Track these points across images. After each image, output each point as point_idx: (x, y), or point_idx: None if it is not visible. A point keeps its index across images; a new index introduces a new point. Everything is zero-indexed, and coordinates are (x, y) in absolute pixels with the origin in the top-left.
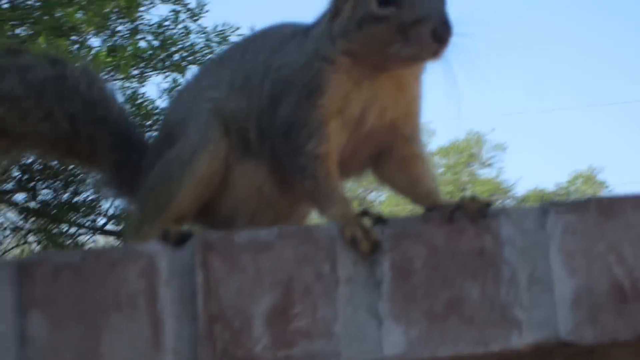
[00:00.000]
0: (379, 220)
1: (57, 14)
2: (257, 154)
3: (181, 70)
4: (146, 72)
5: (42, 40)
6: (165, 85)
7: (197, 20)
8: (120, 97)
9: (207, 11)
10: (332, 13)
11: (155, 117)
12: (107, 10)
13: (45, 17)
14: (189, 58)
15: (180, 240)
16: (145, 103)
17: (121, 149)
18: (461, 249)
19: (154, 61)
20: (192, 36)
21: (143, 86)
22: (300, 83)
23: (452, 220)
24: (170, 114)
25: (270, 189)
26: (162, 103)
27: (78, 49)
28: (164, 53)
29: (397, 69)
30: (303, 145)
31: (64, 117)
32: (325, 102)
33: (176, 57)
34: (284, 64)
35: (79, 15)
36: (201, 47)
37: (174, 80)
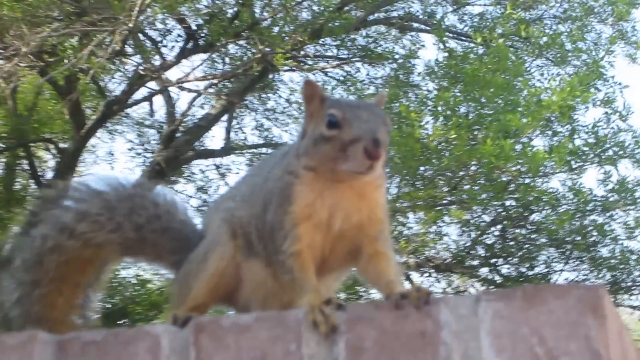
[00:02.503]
0: (339, 307)
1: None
2: (258, 253)
3: (613, 163)
4: (584, 166)
5: (489, 142)
6: (600, 177)
7: (625, 120)
8: (183, 209)
9: (632, 112)
10: (301, 134)
11: (591, 203)
12: (545, 114)
13: (495, 122)
14: (620, 152)
15: (185, 323)
16: (584, 190)
17: (182, 251)
18: (406, 331)
19: (590, 156)
20: (621, 134)
21: (580, 177)
22: (277, 193)
23: (398, 307)
24: (202, 221)
25: (271, 282)
26: (599, 191)
27: (522, 149)
28: (598, 149)
29: (348, 181)
30: (280, 245)
31: (131, 229)
32: (294, 209)
33: (609, 152)
34: (271, 178)
35: (523, 119)
36: (629, 144)
37: (606, 172)
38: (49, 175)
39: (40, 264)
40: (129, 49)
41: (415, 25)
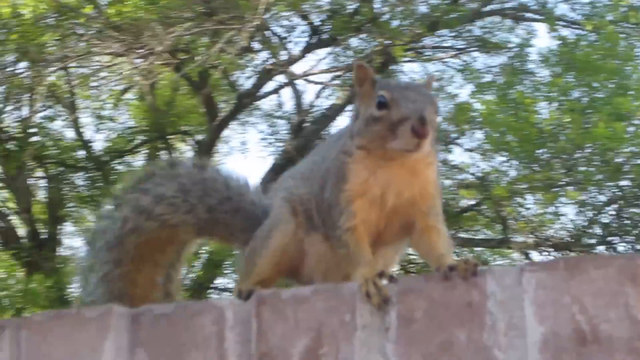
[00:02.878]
0: (392, 279)
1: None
2: (318, 228)
3: None
4: None
5: (602, 125)
6: None
7: None
8: (255, 190)
9: None
10: (354, 116)
11: None
12: None
13: (607, 106)
14: None
15: (248, 296)
16: None
17: (253, 230)
18: (454, 302)
19: None
20: None
21: None
22: (333, 172)
23: (447, 278)
24: (266, 201)
25: (331, 255)
26: None
27: (635, 131)
28: None
29: (398, 159)
30: (337, 221)
31: (204, 210)
32: (349, 187)
33: None
34: (328, 158)
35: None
36: None
37: None
38: None
39: (121, 244)
40: (256, 45)
41: (528, 15)
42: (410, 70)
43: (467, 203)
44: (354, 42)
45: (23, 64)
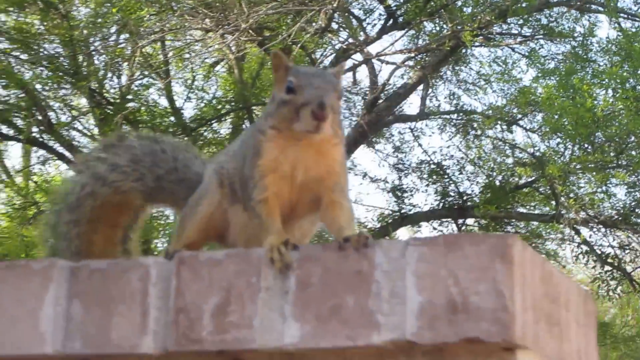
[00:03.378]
0: (295, 247)
1: None
2: (240, 200)
3: None
4: None
5: None
6: None
7: None
8: (200, 163)
9: None
10: (271, 99)
11: None
12: None
13: None
14: None
15: (173, 256)
16: None
17: None
18: (346, 270)
19: None
20: None
21: None
22: (250, 149)
23: (341, 248)
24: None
25: (251, 225)
26: None
27: None
28: None
29: (303, 139)
30: (252, 193)
31: (152, 179)
32: (262, 162)
33: None
34: (249, 135)
35: None
36: None
37: None
38: None
39: (79, 207)
40: (335, 26)
41: (592, 6)
42: (479, 54)
43: (525, 180)
44: (427, 26)
45: (123, 36)
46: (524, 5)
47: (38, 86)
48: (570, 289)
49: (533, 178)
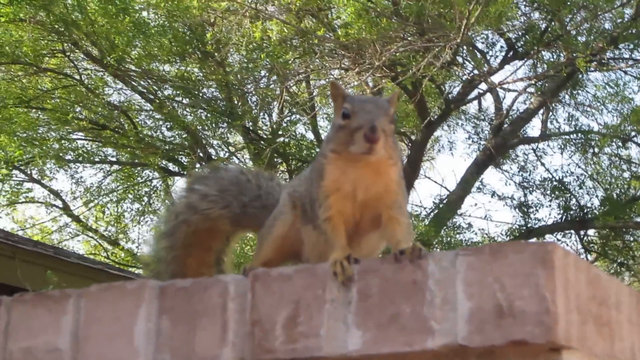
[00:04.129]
0: (356, 261)
1: None
2: (311, 220)
3: None
4: None
5: None
6: None
7: None
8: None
9: None
10: (332, 125)
11: None
12: None
13: None
14: None
15: (248, 273)
16: None
17: None
18: (402, 280)
19: None
20: None
21: None
22: (315, 172)
23: (397, 260)
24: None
25: (322, 242)
26: None
27: None
28: None
29: (360, 160)
30: (317, 212)
31: (238, 206)
32: (325, 184)
33: None
34: (316, 160)
35: None
36: None
37: None
38: (404, 160)
39: (174, 233)
40: (461, 59)
41: None
42: (594, 79)
43: None
44: (545, 55)
45: (272, 78)
46: (633, 31)
47: (199, 127)
48: (621, 291)
49: None
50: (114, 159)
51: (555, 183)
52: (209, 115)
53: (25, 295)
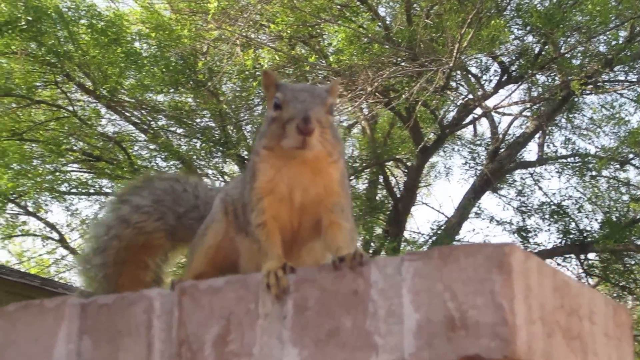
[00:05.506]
0: (292, 270)
1: None
2: (245, 228)
3: None
4: None
5: None
6: None
7: None
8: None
9: None
10: (265, 119)
11: None
12: None
13: None
14: None
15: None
16: None
17: None
18: (342, 290)
19: None
20: None
21: None
22: (247, 173)
23: (336, 267)
24: None
25: (257, 252)
26: None
27: None
28: None
29: (293, 156)
30: (249, 218)
31: (173, 217)
32: (257, 185)
33: None
34: (249, 160)
35: None
36: None
37: None
38: (400, 187)
39: (105, 250)
40: (454, 84)
41: None
42: (590, 101)
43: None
44: (539, 78)
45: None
46: (628, 53)
47: (193, 156)
48: (595, 300)
49: None
50: (109, 190)
51: (553, 207)
52: (203, 144)
53: None
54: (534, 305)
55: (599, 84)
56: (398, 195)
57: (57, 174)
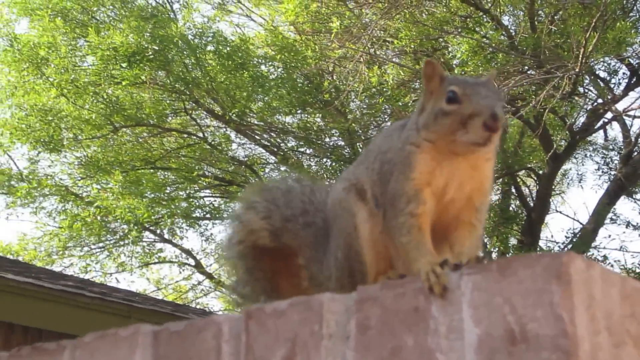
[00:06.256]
0: (457, 267)
1: None
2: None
3: None
4: None
5: None
6: None
7: None
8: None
9: None
10: (419, 110)
11: None
12: None
13: None
14: None
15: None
16: None
17: (316, 248)
18: (403, 308)
19: None
20: None
21: None
22: (398, 162)
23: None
24: None
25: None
26: None
27: None
28: None
29: (464, 152)
30: (403, 208)
31: (280, 219)
32: (417, 175)
33: None
34: (389, 149)
35: None
36: None
37: None
38: (533, 196)
39: (238, 258)
40: (582, 89)
41: None
42: None
43: None
44: None
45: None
46: None
47: (325, 176)
48: None
49: None
50: None
51: None
52: (333, 163)
53: (23, 349)
54: (598, 315)
55: None
56: (531, 205)
57: (191, 200)
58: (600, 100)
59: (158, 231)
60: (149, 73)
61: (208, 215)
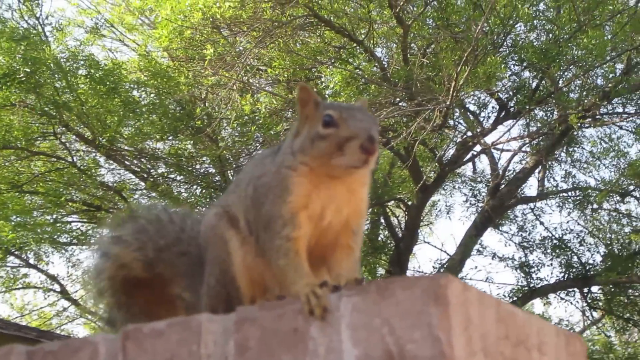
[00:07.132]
0: (336, 288)
1: None
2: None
3: None
4: None
5: None
6: None
7: None
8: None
9: None
10: (294, 134)
11: None
12: None
13: None
14: None
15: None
16: None
17: (192, 276)
18: (282, 329)
19: None
20: None
21: None
22: (274, 186)
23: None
24: None
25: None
26: None
27: None
28: None
29: (341, 175)
30: (279, 232)
31: (153, 249)
32: (293, 199)
33: None
34: (263, 174)
35: None
36: None
37: None
38: (402, 227)
39: (105, 293)
40: (452, 122)
41: None
42: (589, 134)
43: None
44: (538, 113)
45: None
46: (625, 85)
47: (194, 203)
48: (545, 331)
49: None
50: None
51: (555, 241)
52: (203, 190)
53: None
54: (474, 337)
55: (597, 116)
56: (400, 235)
57: (58, 225)
58: (469, 133)
59: (23, 256)
60: (19, 95)
61: (75, 241)
